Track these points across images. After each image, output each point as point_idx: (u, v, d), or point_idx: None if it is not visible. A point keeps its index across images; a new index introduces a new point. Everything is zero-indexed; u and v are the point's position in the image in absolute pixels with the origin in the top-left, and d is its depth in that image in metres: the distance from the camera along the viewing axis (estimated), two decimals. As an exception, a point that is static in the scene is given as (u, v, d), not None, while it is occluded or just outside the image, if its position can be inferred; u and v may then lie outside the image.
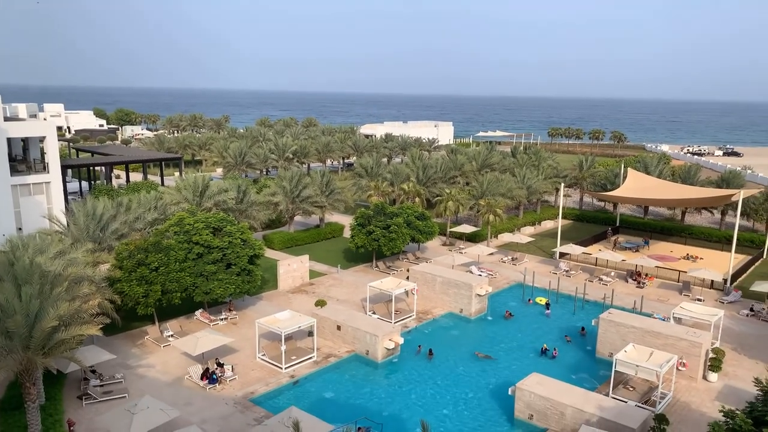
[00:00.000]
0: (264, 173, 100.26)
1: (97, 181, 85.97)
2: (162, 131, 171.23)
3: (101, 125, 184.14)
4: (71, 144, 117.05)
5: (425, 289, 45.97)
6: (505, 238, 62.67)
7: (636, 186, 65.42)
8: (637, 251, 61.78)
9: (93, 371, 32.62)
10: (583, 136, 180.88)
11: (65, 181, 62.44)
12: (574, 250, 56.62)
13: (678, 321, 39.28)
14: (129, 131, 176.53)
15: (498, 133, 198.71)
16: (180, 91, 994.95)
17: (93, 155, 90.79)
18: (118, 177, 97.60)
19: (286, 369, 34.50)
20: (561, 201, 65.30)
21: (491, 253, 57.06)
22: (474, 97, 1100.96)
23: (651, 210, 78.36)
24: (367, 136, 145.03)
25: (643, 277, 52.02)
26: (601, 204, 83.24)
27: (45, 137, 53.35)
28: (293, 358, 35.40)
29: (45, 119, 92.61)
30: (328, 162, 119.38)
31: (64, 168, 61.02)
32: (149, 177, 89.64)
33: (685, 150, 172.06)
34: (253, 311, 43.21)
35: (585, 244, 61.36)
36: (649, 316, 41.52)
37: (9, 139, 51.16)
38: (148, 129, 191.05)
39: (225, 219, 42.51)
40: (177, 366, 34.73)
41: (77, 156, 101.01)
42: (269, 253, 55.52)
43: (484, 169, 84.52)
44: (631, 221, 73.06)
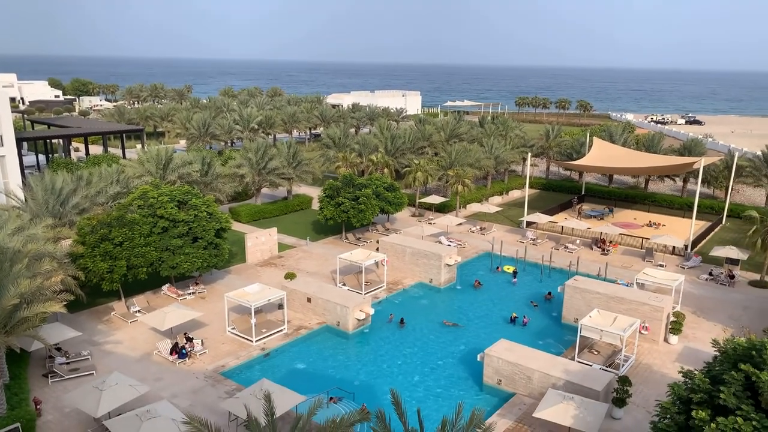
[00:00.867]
0: (229, 145, 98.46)
1: (55, 155, 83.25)
2: (122, 102, 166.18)
3: (57, 96, 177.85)
4: (26, 116, 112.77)
5: (395, 260, 46.13)
6: (474, 208, 63.13)
7: (601, 155, 66.35)
8: (602, 219, 63.01)
9: (58, 349, 31.95)
10: (550, 105, 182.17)
11: (21, 155, 60.12)
12: (540, 219, 57.40)
13: (641, 286, 40.35)
14: (87, 102, 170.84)
15: (466, 103, 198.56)
16: (140, 61, 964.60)
17: (49, 127, 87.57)
18: (77, 150, 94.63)
19: (256, 342, 34.38)
20: (528, 171, 65.96)
21: (460, 224, 57.45)
22: (442, 66, 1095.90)
23: (615, 178, 79.78)
24: (334, 106, 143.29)
25: (608, 245, 53.14)
26: (567, 173, 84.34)
27: (-3, 109, 51.11)
28: (263, 331, 35.27)
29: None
30: (294, 133, 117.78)
31: (19, 141, 58.66)
32: (110, 150, 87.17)
33: (649, 119, 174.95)
34: (222, 285, 42.78)
35: (551, 212, 62.24)
36: (613, 282, 42.49)
37: (-42, 111, 48.88)
38: (107, 100, 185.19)
39: (190, 192, 41.68)
40: (145, 341, 34.28)
41: (32, 128, 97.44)
42: (236, 226, 54.83)
43: (452, 140, 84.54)
44: (596, 190, 74.32)
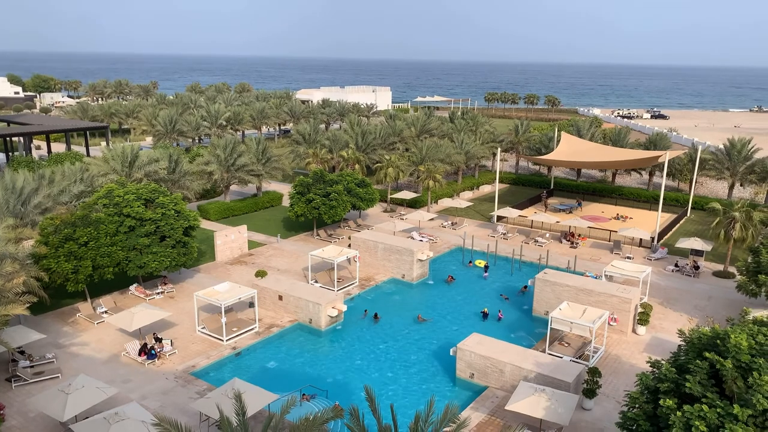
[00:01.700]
0: (196, 141, 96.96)
1: (16, 153, 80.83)
2: (85, 99, 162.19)
3: (17, 93, 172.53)
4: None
5: (367, 256, 46.02)
6: (445, 203, 63.35)
7: (569, 149, 67.23)
8: (571, 213, 63.89)
9: (21, 352, 31.03)
10: (519, 100, 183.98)
11: (-21, 153, 58.27)
12: (510, 213, 57.92)
13: (609, 278, 41.02)
14: (48, 99, 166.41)
15: (436, 98, 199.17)
16: (101, 56, 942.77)
17: (9, 125, 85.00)
18: (38, 148, 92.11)
19: (227, 341, 33.92)
20: (498, 165, 66.42)
21: (432, 219, 57.62)
22: (412, 62, 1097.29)
23: (583, 172, 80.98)
24: (304, 101, 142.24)
25: (576, 238, 53.91)
26: (537, 168, 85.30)
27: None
28: (234, 329, 34.82)
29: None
30: (263, 129, 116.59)
31: (-23, 139, 56.86)
32: (73, 147, 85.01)
33: (616, 113, 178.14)
34: (191, 284, 42.10)
35: (521, 207, 62.89)
36: (582, 274, 43.16)
37: None
38: (69, 96, 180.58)
39: (157, 190, 40.85)
40: (113, 343, 33.52)
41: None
42: (205, 224, 54.05)
43: (423, 135, 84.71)
44: (565, 184, 75.34)
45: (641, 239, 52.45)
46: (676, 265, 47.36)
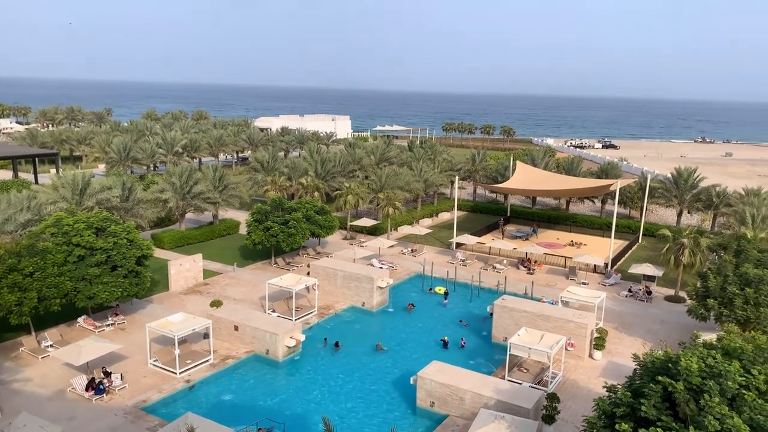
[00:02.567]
0: (151, 169, 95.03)
1: (-41, 180, 77.43)
2: (35, 125, 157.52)
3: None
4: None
5: (326, 284, 45.52)
6: (405, 230, 63.55)
7: (524, 178, 68.66)
8: (527, 239, 64.89)
9: (-44, 391, 29.23)
10: (475, 130, 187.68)
11: None
12: (469, 240, 58.46)
13: (565, 304, 41.59)
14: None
15: (395, 128, 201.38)
16: (49, 82, 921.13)
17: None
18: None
19: (180, 374, 32.76)
20: (456, 193, 67.16)
21: (391, 246, 57.61)
22: (371, 91, 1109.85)
23: (538, 200, 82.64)
24: (262, 129, 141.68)
25: (533, 264, 54.67)
26: (494, 195, 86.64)
27: None
28: (188, 362, 33.70)
29: None
30: (221, 156, 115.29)
31: None
32: (21, 175, 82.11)
33: (568, 143, 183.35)
34: (143, 315, 40.70)
35: (479, 234, 63.59)
36: (539, 300, 43.66)
37: None
38: (18, 122, 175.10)
39: (109, 218, 39.65)
40: (58, 378, 31.94)
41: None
42: (159, 253, 52.60)
43: (382, 163, 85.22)
44: (521, 211, 76.66)
45: (595, 265, 53.55)
46: (629, 291, 48.43)
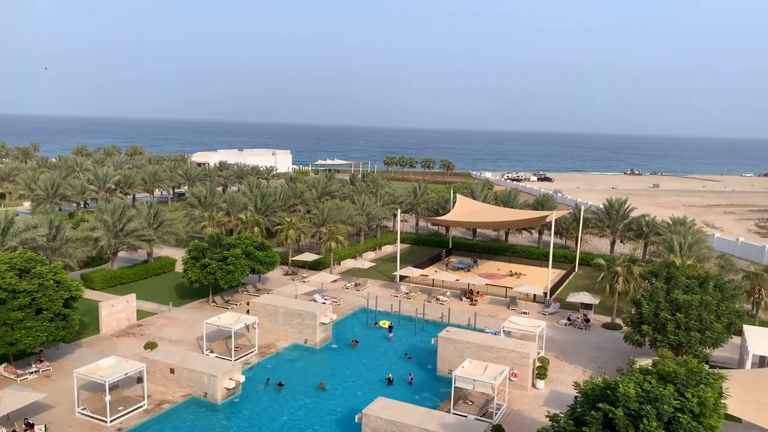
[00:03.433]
0: (82, 206, 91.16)
1: None
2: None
3: None
4: None
5: (267, 322, 44.32)
6: (348, 264, 63.07)
7: (464, 210, 69.83)
8: (469, 271, 65.62)
9: None
10: (416, 164, 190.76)
11: None
12: (412, 272, 58.57)
13: (507, 334, 41.97)
14: None
15: (337, 161, 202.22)
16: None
17: None
18: None
19: (111, 422, 30.84)
20: (398, 226, 67.47)
21: (335, 280, 56.97)
22: (312, 126, 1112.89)
23: (479, 232, 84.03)
24: (200, 164, 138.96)
25: (475, 295, 55.19)
26: (435, 228, 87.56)
27: None
28: (120, 408, 31.80)
29: None
30: (156, 192, 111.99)
31: None
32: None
33: (506, 176, 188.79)
34: (71, 360, 38.32)
35: (422, 266, 63.85)
36: (482, 331, 43.91)
37: None
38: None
39: (34, 259, 37.44)
40: (-28, 434, 29.42)
41: None
42: (89, 294, 50.02)
43: (324, 197, 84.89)
44: (463, 243, 77.68)
45: (535, 295, 54.56)
46: (568, 319, 49.47)
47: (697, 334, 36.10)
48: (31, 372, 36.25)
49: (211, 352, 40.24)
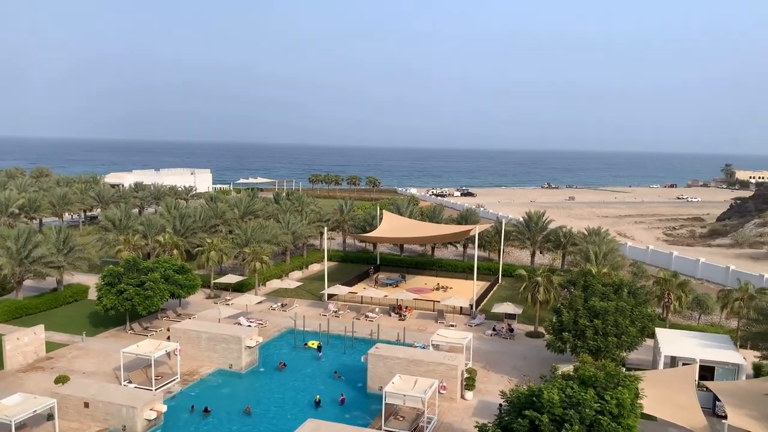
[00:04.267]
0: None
1: None
2: None
3: None
4: None
5: (190, 348, 42.54)
6: (274, 284, 61.85)
7: (391, 226, 70.32)
8: (397, 286, 65.92)
9: None
10: (342, 181, 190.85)
11: None
12: (340, 290, 58.15)
13: (436, 347, 42.31)
14: None
15: (259, 180, 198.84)
16: None
17: None
18: None
19: (16, 466, 28.43)
20: (325, 244, 66.93)
21: (260, 302, 55.63)
22: (232, 144, 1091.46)
23: (406, 247, 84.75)
24: (114, 185, 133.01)
25: (404, 310, 55.43)
26: (363, 244, 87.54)
27: None
28: (27, 450, 29.43)
29: None
30: (66, 216, 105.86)
31: None
32: None
33: (430, 192, 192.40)
34: (-30, 401, 35.13)
35: (350, 283, 63.55)
36: (411, 345, 44.08)
37: None
38: None
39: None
40: None
41: None
42: (-8, 327, 46.31)
43: (247, 216, 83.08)
44: (390, 259, 78.05)
45: (461, 307, 55.47)
46: (493, 329, 50.54)
47: (614, 338, 37.76)
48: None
49: (130, 382, 38.13)
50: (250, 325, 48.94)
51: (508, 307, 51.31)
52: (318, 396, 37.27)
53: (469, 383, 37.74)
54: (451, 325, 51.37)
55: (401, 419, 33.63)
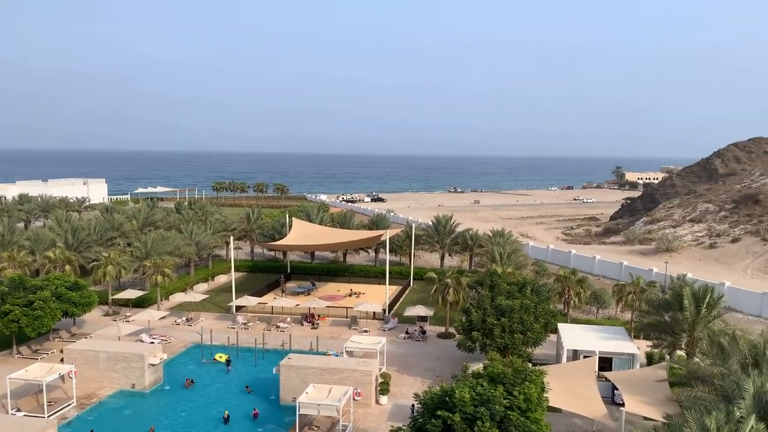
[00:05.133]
0: None
1: None
2: None
3: None
4: None
5: (87, 369, 39.68)
6: (178, 298, 59.14)
7: (301, 233, 69.36)
8: (308, 294, 65.03)
9: None
10: (248, 189, 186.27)
11: None
12: (249, 301, 56.55)
13: (350, 354, 42.04)
14: None
15: (160, 189, 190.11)
16: None
17: None
18: None
19: None
20: (232, 254, 64.88)
21: (163, 317, 52.98)
22: (130, 152, 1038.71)
23: (317, 254, 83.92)
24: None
25: (317, 318, 54.74)
26: (272, 253, 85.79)
27: None
28: None
29: None
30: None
31: None
32: None
33: (341, 198, 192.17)
34: None
35: (260, 294, 61.98)
36: (325, 354, 43.54)
37: None
38: None
39: None
40: None
41: None
42: None
43: (147, 228, 79.04)
44: (301, 267, 76.95)
45: (374, 312, 55.56)
46: (406, 333, 50.99)
47: (520, 335, 39.15)
48: None
49: (18, 410, 35.01)
50: (153, 342, 46.51)
51: (420, 310, 51.96)
52: (227, 412, 35.82)
53: (384, 388, 37.74)
54: (365, 331, 51.30)
55: (316, 429, 33.08)
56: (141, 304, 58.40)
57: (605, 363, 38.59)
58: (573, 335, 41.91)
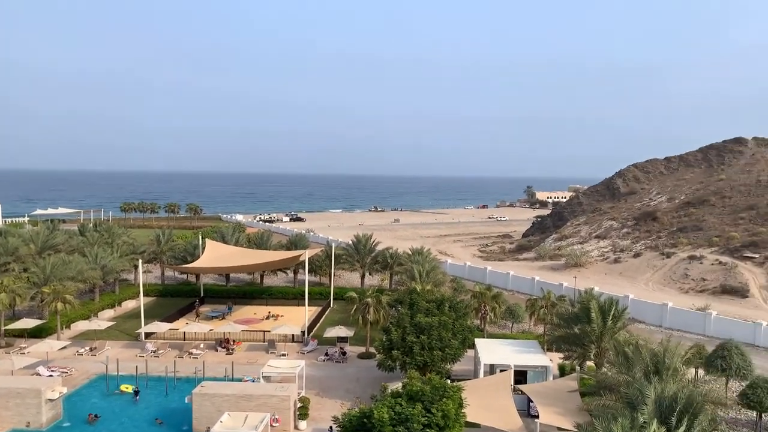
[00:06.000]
0: None
1: None
2: None
3: None
4: None
5: (-28, 409, 36.09)
6: (81, 326, 55.39)
7: (215, 255, 67.13)
8: (223, 318, 62.79)
9: None
10: (159, 209, 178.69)
11: None
12: (160, 327, 53.80)
13: (267, 379, 40.72)
14: None
15: (61, 210, 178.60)
16: None
17: None
18: None
19: None
20: (141, 278, 61.69)
21: (63, 347, 49.33)
22: (27, 171, 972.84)
23: (233, 276, 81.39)
24: None
25: (232, 343, 52.80)
26: (185, 276, 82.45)
27: None
28: None
29: None
30: None
31: None
32: None
33: (258, 218, 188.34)
34: None
35: (172, 319, 59.14)
36: (241, 380, 41.96)
37: None
38: None
39: None
40: None
41: None
42: None
43: (46, 251, 73.73)
44: (216, 290, 74.29)
45: (293, 335, 54.31)
46: (326, 354, 50.12)
47: (439, 352, 39.44)
48: None
49: None
50: (51, 375, 43.11)
51: (340, 331, 51.30)
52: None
53: (303, 412, 36.76)
54: (283, 355, 50.00)
55: (231, 460, 31.57)
56: (38, 334, 54.15)
57: (520, 376, 39.50)
58: (490, 350, 42.68)
